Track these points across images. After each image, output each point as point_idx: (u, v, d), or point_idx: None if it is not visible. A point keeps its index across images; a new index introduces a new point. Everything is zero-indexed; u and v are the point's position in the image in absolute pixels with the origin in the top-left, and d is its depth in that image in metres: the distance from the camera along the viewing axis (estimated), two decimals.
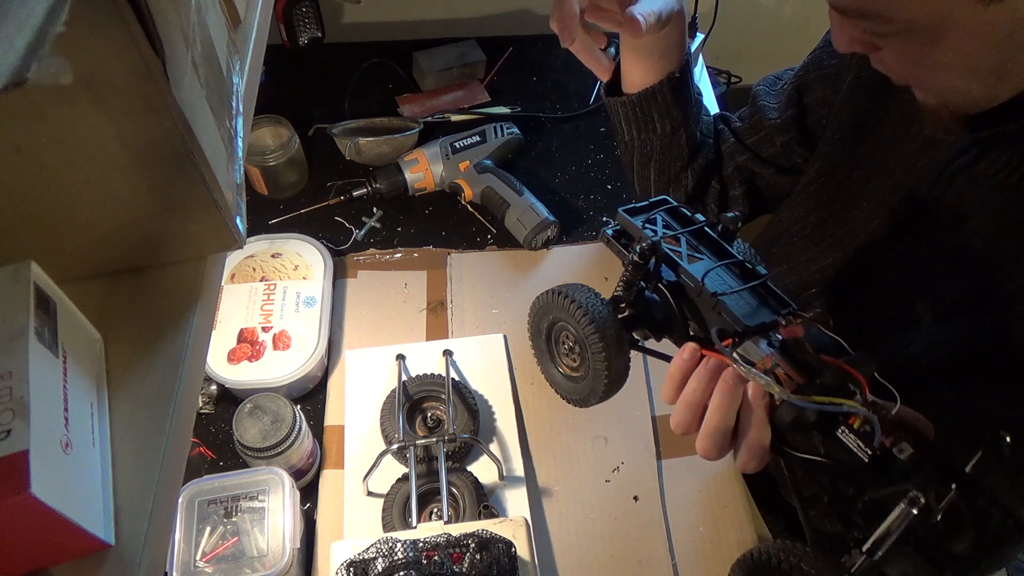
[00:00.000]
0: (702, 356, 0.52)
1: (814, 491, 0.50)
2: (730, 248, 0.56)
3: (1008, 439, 0.43)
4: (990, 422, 0.66)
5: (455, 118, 1.20)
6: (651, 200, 0.61)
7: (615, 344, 0.53)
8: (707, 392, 0.52)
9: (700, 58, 1.26)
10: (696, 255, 0.55)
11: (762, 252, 0.88)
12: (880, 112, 0.73)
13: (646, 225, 0.57)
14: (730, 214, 0.58)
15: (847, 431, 0.45)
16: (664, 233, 0.57)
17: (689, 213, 0.59)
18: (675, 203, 0.60)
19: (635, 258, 0.54)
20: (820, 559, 0.45)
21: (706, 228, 0.57)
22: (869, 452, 0.44)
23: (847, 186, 0.77)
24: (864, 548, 0.44)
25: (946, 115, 0.60)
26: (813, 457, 0.47)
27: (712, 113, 0.93)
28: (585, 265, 1.06)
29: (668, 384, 0.54)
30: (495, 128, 1.13)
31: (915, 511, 0.42)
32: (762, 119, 0.87)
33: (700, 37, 1.26)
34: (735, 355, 0.48)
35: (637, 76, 0.81)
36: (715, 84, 1.32)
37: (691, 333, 0.55)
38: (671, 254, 0.54)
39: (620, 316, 0.54)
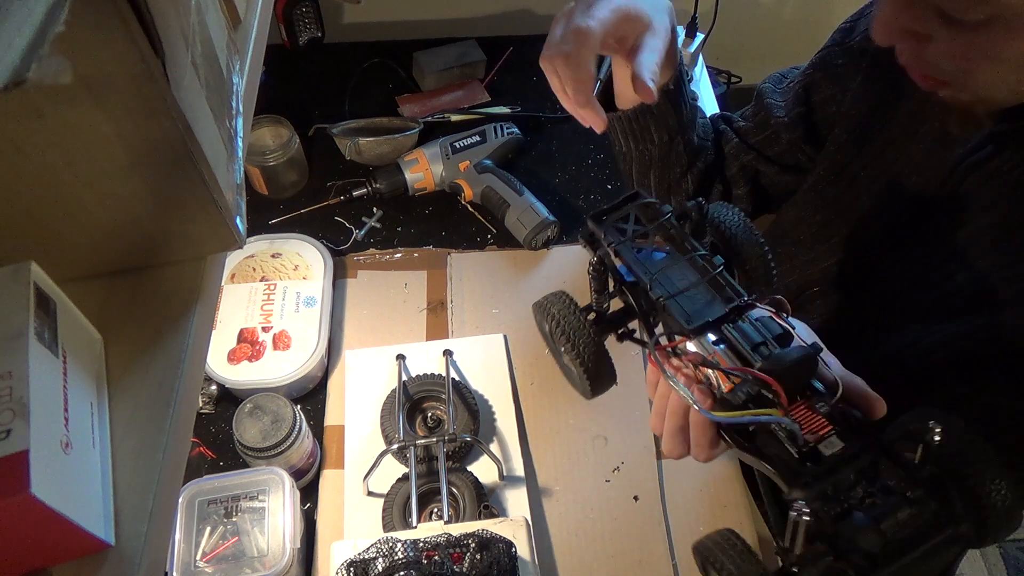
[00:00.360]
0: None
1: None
2: (693, 241, 0.55)
3: (938, 431, 0.42)
4: (1002, 414, 0.66)
5: (455, 118, 1.20)
6: (624, 196, 0.60)
7: (589, 350, 0.53)
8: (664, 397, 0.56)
9: (700, 58, 1.26)
10: (661, 252, 0.55)
11: None
12: (889, 112, 0.72)
13: (617, 224, 0.57)
14: (690, 202, 0.57)
15: (777, 429, 0.45)
16: (635, 230, 0.56)
17: (658, 206, 0.58)
18: (646, 197, 0.59)
19: (590, 269, 0.56)
20: (746, 559, 0.45)
21: (673, 219, 0.56)
22: (796, 451, 0.44)
23: (854, 185, 0.77)
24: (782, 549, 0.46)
25: (981, 111, 0.59)
26: (749, 455, 0.47)
27: (710, 114, 0.93)
28: (585, 265, 1.06)
29: (648, 388, 0.60)
30: (495, 128, 1.13)
31: (805, 518, 0.42)
32: (768, 117, 0.86)
33: (700, 37, 1.26)
34: (664, 366, 0.50)
35: (630, 91, 0.80)
36: (715, 84, 1.32)
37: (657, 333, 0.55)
38: (625, 257, 0.55)
39: (592, 321, 0.55)
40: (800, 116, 0.83)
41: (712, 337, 0.49)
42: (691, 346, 0.51)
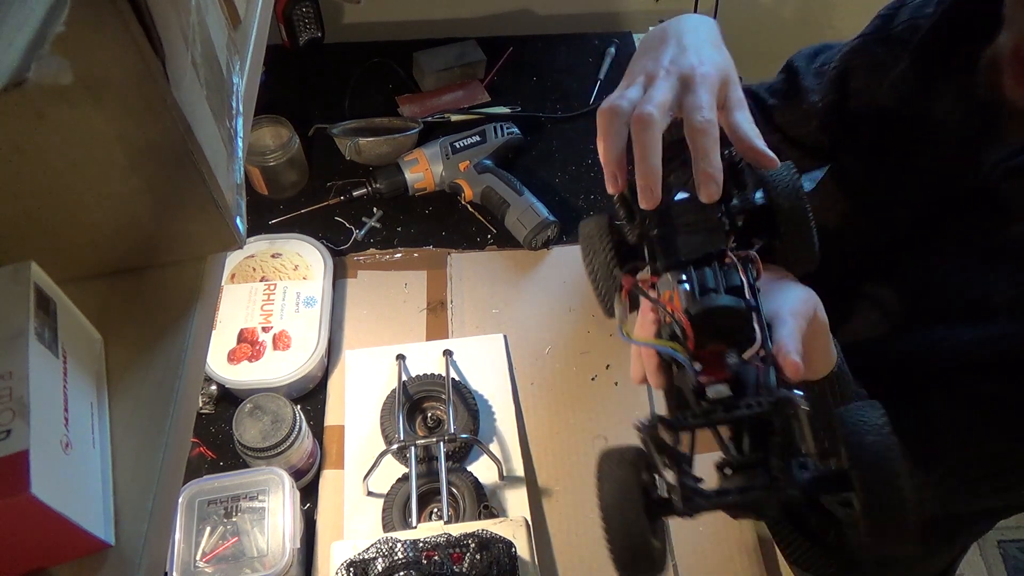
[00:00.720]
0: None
1: None
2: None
3: (806, 410, 0.44)
4: None
5: (455, 118, 1.20)
6: (675, 139, 0.59)
7: (603, 264, 0.57)
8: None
9: None
10: (687, 192, 0.54)
11: None
12: (925, 105, 0.71)
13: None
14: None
15: (687, 368, 0.48)
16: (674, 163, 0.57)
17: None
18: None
19: (617, 197, 0.57)
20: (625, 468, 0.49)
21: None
22: (691, 385, 0.47)
23: (886, 177, 0.75)
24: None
25: None
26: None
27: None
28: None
29: None
30: (495, 128, 1.13)
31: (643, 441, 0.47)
32: (800, 100, 0.82)
33: None
34: (647, 292, 0.52)
35: None
36: None
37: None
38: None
39: (613, 247, 0.57)
40: (833, 104, 0.80)
41: (683, 276, 0.50)
42: (663, 280, 0.52)
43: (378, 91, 1.25)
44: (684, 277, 0.49)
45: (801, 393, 0.46)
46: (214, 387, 0.91)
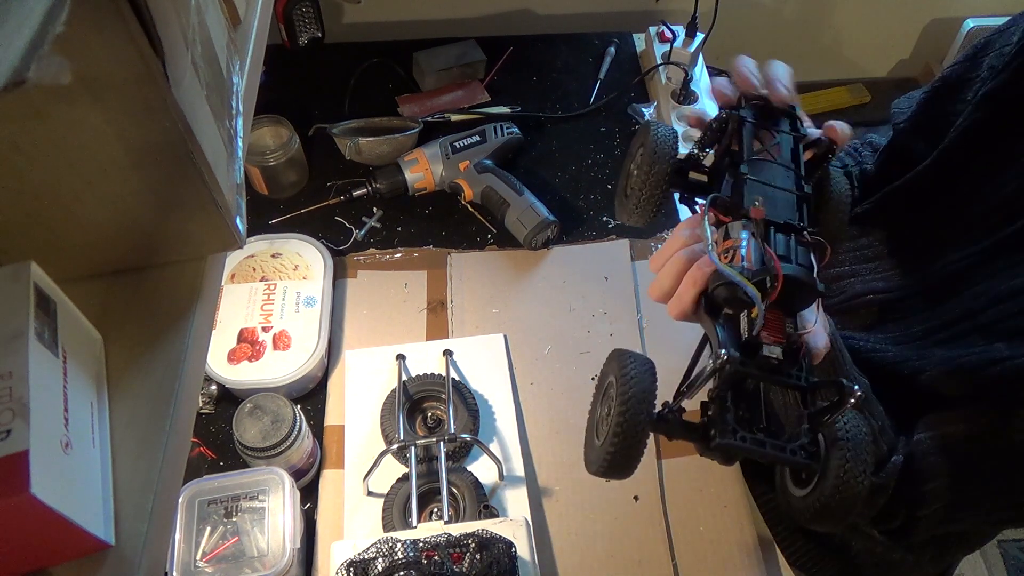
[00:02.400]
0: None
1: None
2: (803, 166, 0.59)
3: (859, 394, 0.48)
4: None
5: (455, 118, 1.20)
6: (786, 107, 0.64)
7: (661, 173, 0.60)
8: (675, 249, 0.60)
9: (700, 58, 1.26)
10: (775, 155, 0.59)
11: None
12: (1003, 129, 0.72)
13: (755, 111, 0.61)
14: (823, 140, 0.61)
15: (747, 316, 0.51)
16: (767, 127, 0.60)
17: (801, 125, 0.63)
18: (799, 114, 0.63)
19: (712, 123, 0.61)
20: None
21: (800, 144, 0.61)
22: (745, 334, 0.50)
23: (953, 194, 0.76)
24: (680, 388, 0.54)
25: None
26: (707, 319, 0.53)
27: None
28: (585, 265, 1.06)
29: (672, 236, 0.62)
30: (495, 128, 1.13)
31: (718, 368, 0.49)
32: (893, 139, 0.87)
33: (700, 37, 1.26)
34: (708, 214, 0.55)
35: None
36: None
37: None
38: (745, 134, 0.59)
39: (679, 157, 0.61)
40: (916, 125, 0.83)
41: (752, 230, 0.53)
42: (735, 225, 0.55)
43: (378, 91, 1.25)
44: (771, 236, 0.52)
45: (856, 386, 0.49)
46: (214, 387, 0.91)
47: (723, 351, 0.48)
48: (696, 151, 0.62)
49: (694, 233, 0.60)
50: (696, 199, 0.63)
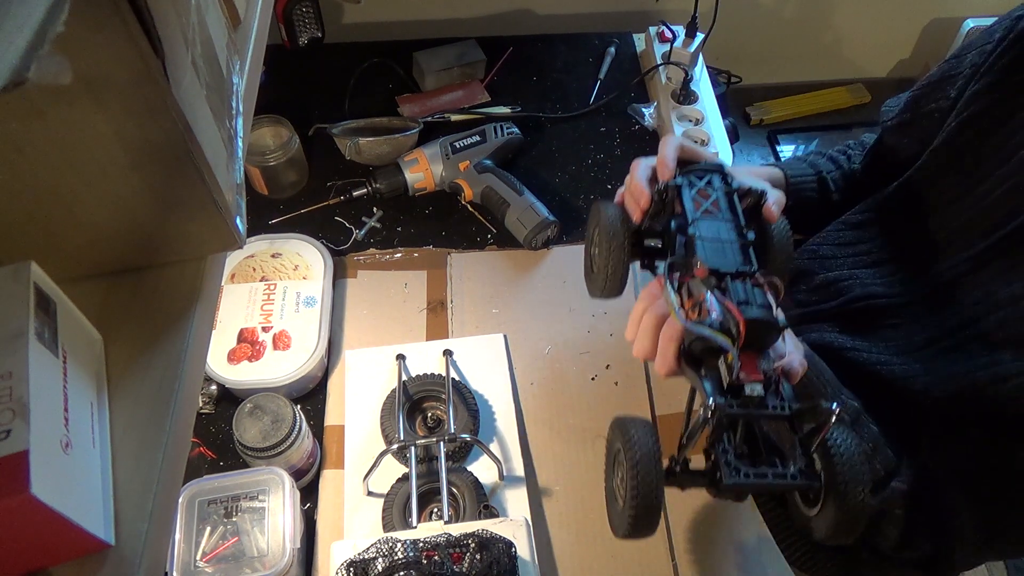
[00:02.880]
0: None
1: None
2: (742, 215, 0.65)
3: (835, 412, 0.52)
4: None
5: (455, 118, 1.20)
6: (714, 164, 0.70)
7: (619, 249, 0.67)
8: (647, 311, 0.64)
9: (700, 58, 1.26)
10: (710, 215, 0.64)
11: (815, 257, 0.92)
12: (996, 127, 0.72)
13: (693, 175, 0.68)
14: (757, 188, 0.67)
15: (724, 362, 0.55)
16: (703, 187, 0.67)
17: (731, 180, 0.68)
18: (728, 172, 0.69)
19: (653, 193, 0.67)
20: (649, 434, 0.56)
21: (736, 195, 0.66)
22: (727, 379, 0.54)
23: (944, 194, 0.76)
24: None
25: None
26: (694, 372, 0.57)
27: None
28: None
29: (639, 300, 0.66)
30: (495, 128, 1.13)
31: (709, 417, 0.53)
32: (879, 143, 0.90)
33: (700, 37, 1.26)
34: (668, 279, 0.60)
35: None
36: (715, 84, 1.31)
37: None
38: (684, 197, 0.65)
39: (633, 227, 0.68)
40: (903, 123, 0.85)
41: (725, 285, 0.58)
42: (695, 283, 0.60)
43: (378, 91, 1.25)
44: (726, 286, 0.57)
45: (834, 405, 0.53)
46: (214, 387, 0.91)
47: (711, 400, 0.53)
48: (645, 223, 0.69)
49: (656, 298, 0.64)
50: (656, 262, 0.69)
